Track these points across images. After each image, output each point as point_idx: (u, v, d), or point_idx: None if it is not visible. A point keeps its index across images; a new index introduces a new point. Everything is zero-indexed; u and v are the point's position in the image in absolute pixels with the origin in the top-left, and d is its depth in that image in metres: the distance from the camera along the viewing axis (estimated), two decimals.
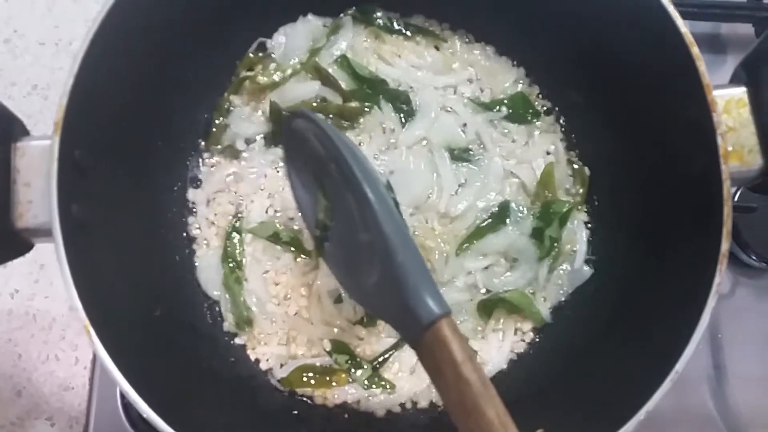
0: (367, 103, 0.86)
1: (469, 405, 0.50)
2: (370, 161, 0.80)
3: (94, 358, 0.92)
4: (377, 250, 0.59)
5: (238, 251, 0.83)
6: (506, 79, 0.90)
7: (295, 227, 0.84)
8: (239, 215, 0.85)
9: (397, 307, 0.56)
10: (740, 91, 0.64)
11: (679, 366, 0.59)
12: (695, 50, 0.63)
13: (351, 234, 0.65)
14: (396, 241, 0.57)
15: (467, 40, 0.91)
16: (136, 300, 0.71)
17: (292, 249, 0.83)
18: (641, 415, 0.58)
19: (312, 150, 0.68)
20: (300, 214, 0.77)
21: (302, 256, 0.83)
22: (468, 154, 0.86)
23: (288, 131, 0.74)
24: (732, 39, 1.05)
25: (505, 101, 0.88)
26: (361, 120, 0.86)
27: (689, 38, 0.63)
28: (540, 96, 0.90)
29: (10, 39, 1.06)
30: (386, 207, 0.60)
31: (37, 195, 0.60)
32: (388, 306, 0.59)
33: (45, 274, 0.96)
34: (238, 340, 0.82)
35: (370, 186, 0.60)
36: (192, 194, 0.86)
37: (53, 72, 1.05)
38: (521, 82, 0.91)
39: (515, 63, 0.91)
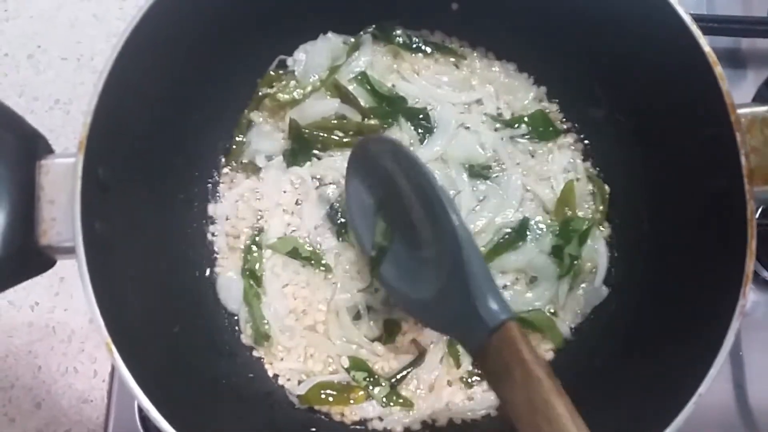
0: (386, 121, 0.86)
1: (539, 402, 0.52)
2: None
3: (113, 371, 0.92)
4: (446, 261, 0.64)
5: (257, 266, 0.84)
6: (526, 96, 0.90)
7: (315, 242, 0.84)
8: (259, 230, 0.85)
9: (462, 314, 0.60)
10: (764, 110, 0.64)
11: (703, 388, 0.58)
12: (718, 69, 0.63)
13: (410, 252, 0.71)
14: (469, 252, 0.62)
15: (487, 57, 0.91)
16: (156, 316, 0.71)
17: (312, 263, 0.83)
18: None
19: (380, 173, 0.74)
20: (354, 238, 0.82)
21: (322, 269, 0.83)
22: (487, 171, 0.86)
23: (358, 155, 0.78)
24: (752, 54, 1.04)
25: (525, 119, 0.88)
26: None
27: (712, 57, 0.63)
28: (560, 112, 0.90)
29: (34, 54, 1.08)
30: (461, 220, 0.64)
31: (61, 212, 0.61)
32: (450, 315, 0.63)
33: (65, 287, 0.97)
34: (256, 354, 0.83)
35: (449, 202, 0.65)
36: (212, 210, 0.87)
37: (75, 87, 1.07)
38: (541, 99, 0.90)
39: (535, 80, 0.91)
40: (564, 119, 0.90)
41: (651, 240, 0.78)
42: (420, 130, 0.87)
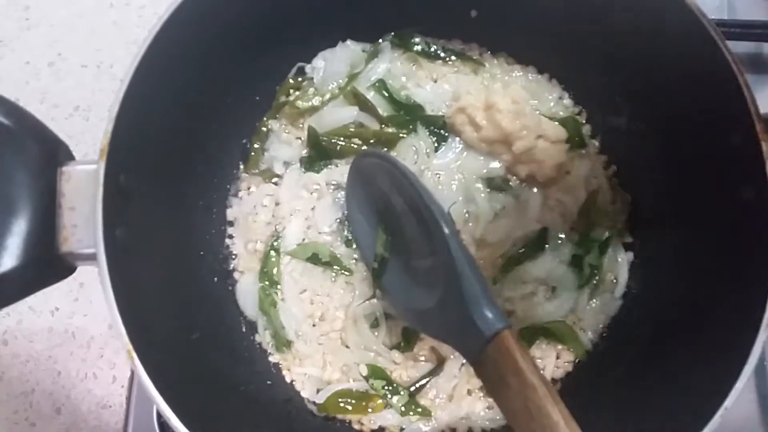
0: (404, 129, 0.86)
1: (534, 409, 0.53)
2: None
3: (132, 377, 0.93)
4: (443, 272, 0.65)
5: (275, 271, 0.84)
6: (550, 99, 0.89)
7: (333, 247, 0.84)
8: (277, 236, 0.85)
9: (459, 323, 0.61)
10: None
11: (729, 402, 0.57)
12: (743, 78, 0.62)
13: (410, 263, 0.73)
14: (463, 263, 0.63)
15: (507, 63, 0.91)
16: (176, 322, 0.72)
17: (335, 268, 0.83)
18: None
19: (378, 187, 0.76)
20: (357, 249, 0.82)
21: (344, 274, 0.83)
22: (506, 184, 0.85)
23: (356, 170, 0.80)
24: None
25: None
26: (397, 144, 0.86)
27: (737, 65, 0.62)
28: (581, 119, 0.89)
29: (54, 62, 1.09)
30: (453, 232, 0.66)
31: (82, 219, 0.61)
32: (449, 324, 0.64)
33: (84, 293, 0.97)
34: (273, 359, 0.83)
35: (441, 215, 0.67)
36: (231, 216, 0.87)
37: (94, 94, 1.08)
38: (566, 105, 0.89)
39: (562, 90, 0.90)
40: (586, 127, 0.89)
41: (674, 250, 0.77)
42: (435, 138, 0.87)
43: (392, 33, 0.89)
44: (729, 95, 0.63)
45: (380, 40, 0.89)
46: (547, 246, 0.82)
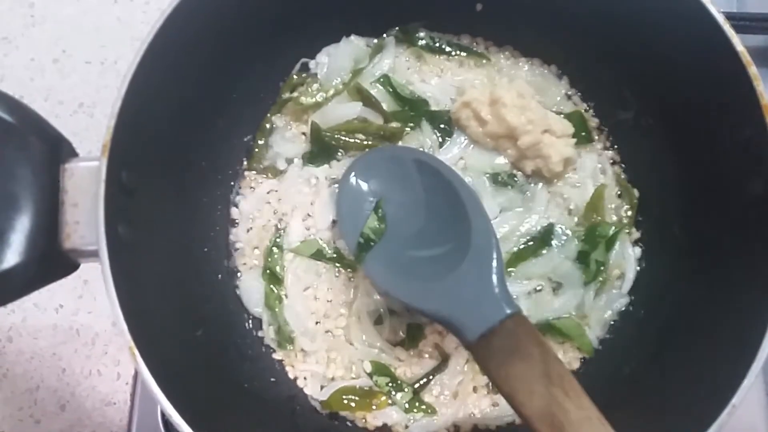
0: (408, 124, 0.86)
1: (556, 376, 0.58)
2: None
3: (136, 375, 0.93)
4: (465, 254, 0.69)
5: (278, 268, 0.83)
6: (557, 93, 0.88)
7: (335, 242, 0.84)
8: (280, 232, 0.85)
9: (473, 300, 0.66)
10: None
11: (737, 399, 0.56)
12: (753, 70, 0.61)
13: (412, 249, 0.76)
14: (498, 247, 0.69)
15: (513, 56, 0.90)
16: (179, 320, 0.72)
17: (337, 265, 0.83)
18: None
19: (388, 180, 0.79)
20: (340, 229, 0.82)
21: (348, 270, 0.83)
22: (511, 180, 0.84)
23: (372, 160, 0.81)
24: None
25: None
26: (401, 140, 0.86)
27: (746, 57, 0.61)
28: (589, 114, 0.88)
29: (59, 59, 1.09)
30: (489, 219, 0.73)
31: (84, 216, 0.61)
32: (455, 300, 0.67)
33: (89, 290, 0.97)
34: (277, 356, 0.82)
35: (480, 203, 0.74)
36: (234, 212, 0.87)
37: (98, 90, 1.08)
38: (573, 100, 0.89)
39: (568, 84, 0.89)
40: (593, 121, 0.88)
41: (682, 246, 0.76)
42: (439, 134, 0.86)
43: (396, 28, 0.88)
44: (738, 88, 0.62)
45: (384, 35, 0.88)
46: (552, 242, 0.81)
